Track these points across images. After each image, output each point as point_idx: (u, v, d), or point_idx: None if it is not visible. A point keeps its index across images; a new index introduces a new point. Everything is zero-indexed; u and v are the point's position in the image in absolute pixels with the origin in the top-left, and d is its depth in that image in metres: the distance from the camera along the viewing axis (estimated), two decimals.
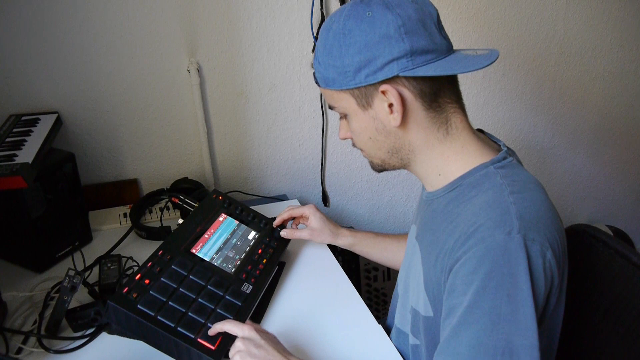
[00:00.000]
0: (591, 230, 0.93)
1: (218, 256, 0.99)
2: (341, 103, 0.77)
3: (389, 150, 0.78)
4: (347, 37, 0.71)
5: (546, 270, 0.65)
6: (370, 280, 1.68)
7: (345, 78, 0.73)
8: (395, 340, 0.94)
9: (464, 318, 0.65)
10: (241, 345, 0.75)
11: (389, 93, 0.72)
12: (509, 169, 0.74)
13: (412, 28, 0.70)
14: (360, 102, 0.75)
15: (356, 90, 0.74)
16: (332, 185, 1.66)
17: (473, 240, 0.66)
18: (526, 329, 0.62)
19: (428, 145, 0.77)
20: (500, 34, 1.64)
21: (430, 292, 0.78)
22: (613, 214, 2.14)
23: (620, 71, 1.85)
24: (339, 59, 0.73)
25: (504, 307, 0.63)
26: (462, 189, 0.75)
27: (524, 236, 0.64)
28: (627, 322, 0.84)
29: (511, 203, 0.67)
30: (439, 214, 0.78)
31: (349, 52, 0.72)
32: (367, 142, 0.79)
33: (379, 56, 0.70)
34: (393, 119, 0.74)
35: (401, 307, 0.92)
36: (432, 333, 0.80)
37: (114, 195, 1.39)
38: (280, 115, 1.50)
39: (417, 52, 0.70)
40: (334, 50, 0.73)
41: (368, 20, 0.70)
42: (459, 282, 0.67)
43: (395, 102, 0.72)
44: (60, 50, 1.23)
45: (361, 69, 0.71)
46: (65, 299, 0.86)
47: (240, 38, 1.37)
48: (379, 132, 0.77)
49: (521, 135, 1.84)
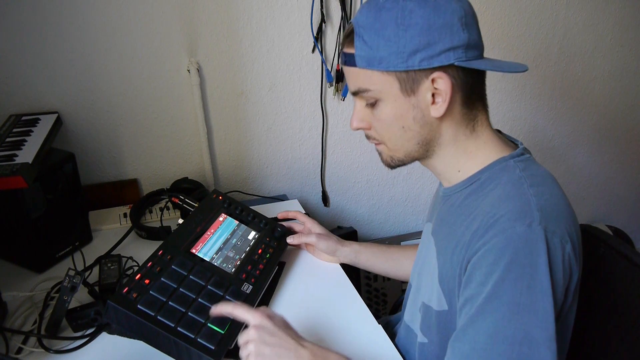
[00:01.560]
0: (592, 231, 0.93)
1: (218, 256, 0.99)
2: (380, 86, 0.73)
3: (420, 141, 0.77)
4: (407, 17, 0.69)
5: (565, 263, 0.65)
6: (370, 280, 1.68)
7: (398, 59, 0.70)
8: (403, 337, 0.94)
9: (483, 307, 0.65)
10: (254, 334, 0.73)
11: (441, 81, 0.71)
12: (528, 163, 0.75)
13: (469, 21, 0.71)
14: (404, 86, 0.72)
15: (404, 73, 0.71)
16: (332, 185, 1.66)
17: (493, 231, 0.66)
18: (545, 321, 0.62)
19: (456, 140, 0.77)
20: (500, 34, 1.64)
21: (445, 286, 0.78)
22: (613, 214, 2.14)
23: (620, 71, 1.85)
24: (394, 38, 0.70)
25: (524, 297, 0.63)
26: (481, 182, 0.75)
27: (545, 228, 0.65)
28: (629, 322, 0.84)
29: (531, 195, 0.68)
30: (456, 207, 0.78)
31: (407, 33, 0.69)
32: (398, 131, 0.76)
33: (439, 42, 0.69)
34: (435, 109, 0.73)
35: (411, 305, 0.92)
36: (446, 328, 0.79)
37: (114, 195, 1.38)
38: (280, 115, 1.50)
39: (471, 45, 0.71)
40: (388, 29, 0.70)
41: (433, 5, 0.69)
42: (477, 273, 0.67)
43: (445, 90, 0.71)
44: (61, 50, 1.23)
45: (418, 51, 0.69)
46: (65, 299, 0.86)
47: (240, 38, 1.37)
48: (415, 121, 0.75)
49: (521, 135, 1.84)
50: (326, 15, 1.40)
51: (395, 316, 1.08)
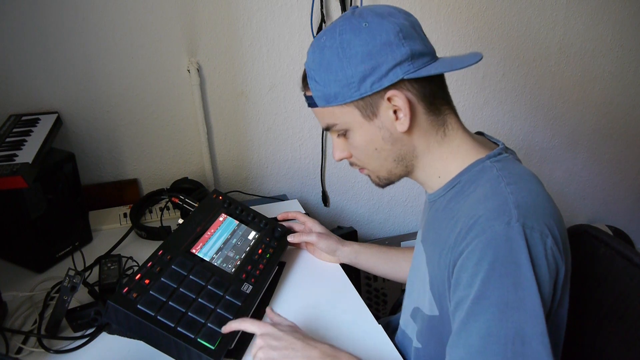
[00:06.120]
0: (592, 231, 0.93)
1: (218, 256, 0.99)
2: (343, 118, 0.77)
3: (395, 158, 0.79)
4: (346, 49, 0.72)
5: (548, 257, 0.65)
6: (370, 280, 1.68)
7: (350, 90, 0.74)
8: (400, 342, 0.94)
9: (473, 309, 0.65)
10: (261, 341, 0.77)
11: (396, 98, 0.73)
12: (505, 162, 0.75)
13: (408, 33, 0.73)
14: (365, 112, 0.75)
15: (361, 101, 0.74)
16: (332, 185, 1.66)
17: (474, 232, 0.67)
18: (535, 316, 0.63)
19: (429, 148, 0.78)
20: (500, 34, 1.64)
21: (435, 291, 0.78)
22: (613, 214, 2.14)
23: (620, 71, 1.85)
24: (340, 72, 0.73)
25: (511, 295, 0.63)
26: (461, 185, 0.76)
27: (523, 224, 0.65)
28: (629, 323, 0.84)
29: (509, 193, 0.68)
30: (440, 212, 0.79)
31: (351, 64, 0.72)
32: (373, 154, 0.79)
33: (383, 63, 0.71)
34: (400, 124, 0.75)
35: (406, 310, 0.93)
36: (438, 333, 0.80)
37: (114, 195, 1.38)
38: (280, 115, 1.50)
39: (416, 55, 0.72)
40: (333, 65, 0.74)
41: (366, 31, 0.72)
42: (464, 275, 0.67)
43: (402, 105, 0.73)
44: (61, 50, 1.23)
45: (366, 77, 0.72)
46: (65, 299, 0.86)
47: (240, 38, 1.37)
48: (385, 141, 0.77)
49: (521, 135, 1.84)
50: (326, 15, 1.40)
51: (396, 316, 1.08)
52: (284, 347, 0.76)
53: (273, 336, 0.77)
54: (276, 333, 0.78)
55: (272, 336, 0.77)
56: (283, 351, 0.75)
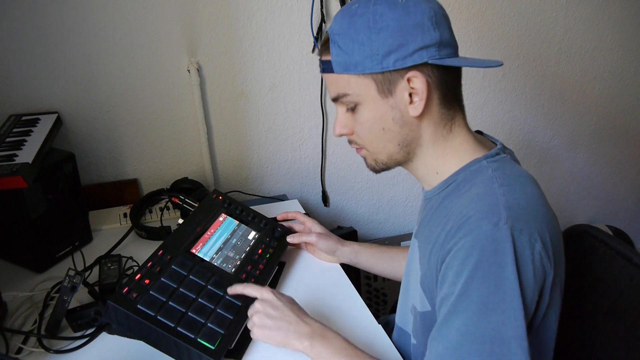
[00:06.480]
0: (592, 231, 0.93)
1: (218, 256, 0.99)
2: (358, 89, 0.75)
3: (400, 142, 0.78)
4: (378, 21, 0.71)
5: (535, 262, 0.65)
6: (370, 280, 1.68)
7: (372, 62, 0.72)
8: (397, 339, 0.94)
9: (455, 306, 0.66)
10: (259, 306, 0.82)
11: (416, 79, 0.72)
12: (501, 163, 0.75)
13: (440, 20, 0.73)
14: (381, 88, 0.74)
15: (380, 75, 0.73)
16: (332, 185, 1.66)
17: (463, 231, 0.67)
18: (514, 319, 0.62)
19: (434, 141, 0.78)
20: (500, 34, 1.64)
21: (425, 287, 0.78)
22: (613, 214, 2.14)
23: (620, 71, 1.85)
24: (367, 42, 0.72)
25: (492, 296, 0.63)
26: (457, 184, 0.76)
27: (512, 227, 0.64)
28: (628, 323, 0.84)
29: (501, 195, 0.68)
30: (435, 210, 0.79)
31: (379, 36, 0.71)
32: (379, 133, 0.78)
33: (411, 42, 0.71)
34: (413, 108, 0.74)
35: (403, 307, 0.93)
36: (430, 329, 0.79)
37: (114, 195, 1.39)
38: (280, 115, 1.49)
39: (443, 43, 0.72)
40: (360, 33, 0.72)
41: (402, 7, 0.71)
42: (449, 273, 0.68)
43: (421, 89, 0.72)
44: (61, 50, 1.23)
45: (391, 52, 0.71)
46: (65, 299, 0.86)
47: (240, 38, 1.37)
48: (395, 122, 0.76)
49: (521, 135, 1.84)
50: (326, 15, 1.40)
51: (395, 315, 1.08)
52: (279, 317, 0.80)
53: (271, 304, 0.82)
54: (275, 302, 0.82)
55: (270, 304, 0.82)
56: (277, 321, 0.80)
